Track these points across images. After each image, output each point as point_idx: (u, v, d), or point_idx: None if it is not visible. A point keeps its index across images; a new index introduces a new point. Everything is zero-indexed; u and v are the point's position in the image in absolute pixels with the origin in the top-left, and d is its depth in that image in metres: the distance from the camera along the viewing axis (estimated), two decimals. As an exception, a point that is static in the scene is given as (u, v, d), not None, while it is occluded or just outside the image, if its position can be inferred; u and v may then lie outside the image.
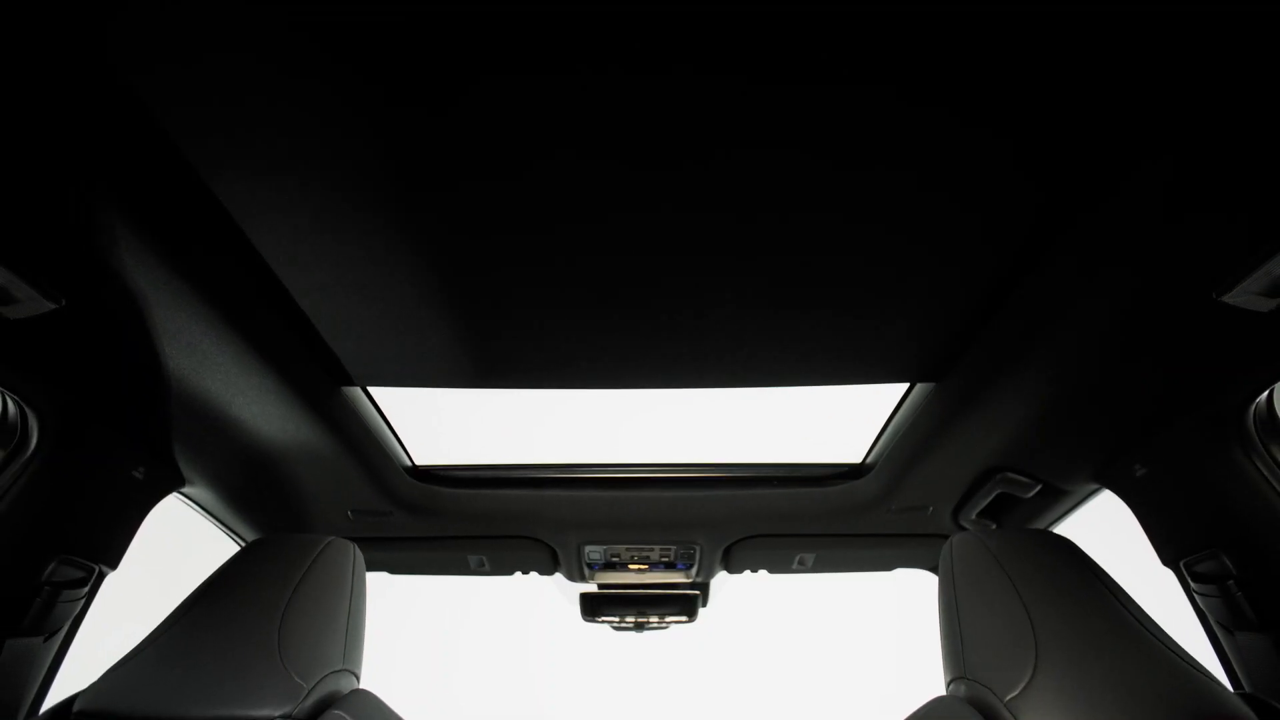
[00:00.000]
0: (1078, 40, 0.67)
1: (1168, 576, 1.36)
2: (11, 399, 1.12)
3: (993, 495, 1.64)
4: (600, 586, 2.15)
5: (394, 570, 2.14)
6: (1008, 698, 0.92)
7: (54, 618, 1.19)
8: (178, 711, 0.94)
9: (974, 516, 1.76)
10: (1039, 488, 1.54)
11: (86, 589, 1.26)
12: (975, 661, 1.00)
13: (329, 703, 1.05)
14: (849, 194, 0.86)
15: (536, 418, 1.83)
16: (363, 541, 1.68)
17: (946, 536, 1.81)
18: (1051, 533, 1.20)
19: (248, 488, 1.59)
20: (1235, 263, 0.85)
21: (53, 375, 1.08)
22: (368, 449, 1.57)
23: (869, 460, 1.76)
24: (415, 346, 1.21)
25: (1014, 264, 1.00)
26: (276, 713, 0.96)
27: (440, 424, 1.77)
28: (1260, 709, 0.93)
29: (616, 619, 2.20)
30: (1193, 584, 1.26)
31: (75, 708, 0.96)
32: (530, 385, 1.35)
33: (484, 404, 1.78)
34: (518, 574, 2.15)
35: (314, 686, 1.02)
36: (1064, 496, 1.57)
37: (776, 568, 2.12)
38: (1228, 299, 0.89)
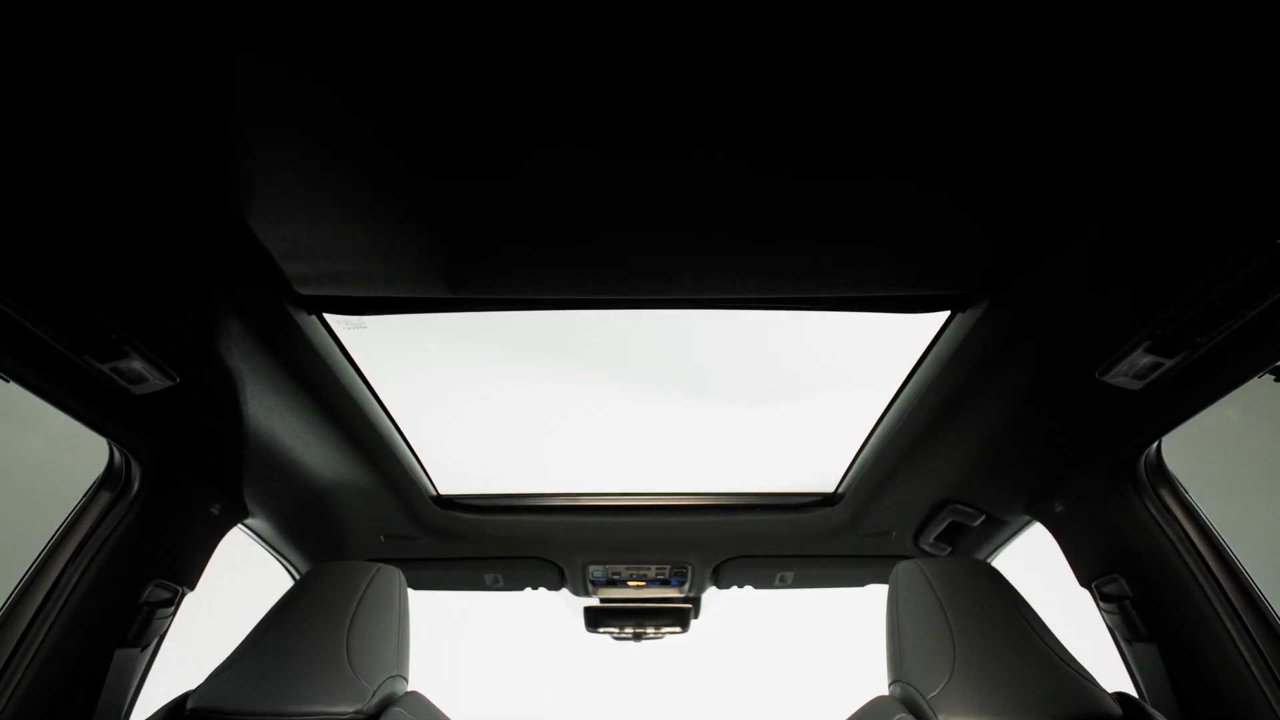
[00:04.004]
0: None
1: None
2: (119, 450, 1.36)
3: (945, 523, 1.89)
4: (602, 601, 2.40)
5: (417, 587, 2.37)
6: (930, 695, 1.17)
7: (150, 632, 1.42)
8: (273, 708, 1.17)
9: (932, 541, 2.01)
10: (983, 518, 1.79)
11: (173, 608, 1.49)
12: (908, 667, 1.25)
13: (390, 702, 1.28)
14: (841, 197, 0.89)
15: (546, 445, 2.06)
16: (391, 562, 1.92)
17: (909, 558, 2.06)
18: (981, 561, 1.45)
19: (299, 517, 1.83)
20: (1109, 351, 1.10)
21: (156, 432, 1.31)
22: (400, 481, 1.81)
23: (840, 490, 2.01)
24: (380, 246, 1.02)
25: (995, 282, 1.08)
26: (350, 709, 1.20)
27: (463, 456, 2.01)
28: (1128, 707, 1.18)
29: (616, 629, 2.45)
30: (1100, 603, 1.51)
31: (189, 705, 1.20)
32: (515, 293, 1.15)
33: (502, 435, 2.01)
34: (528, 590, 2.39)
35: (377, 688, 1.25)
36: (1004, 526, 1.82)
37: (761, 584, 2.37)
38: (1107, 379, 1.14)
